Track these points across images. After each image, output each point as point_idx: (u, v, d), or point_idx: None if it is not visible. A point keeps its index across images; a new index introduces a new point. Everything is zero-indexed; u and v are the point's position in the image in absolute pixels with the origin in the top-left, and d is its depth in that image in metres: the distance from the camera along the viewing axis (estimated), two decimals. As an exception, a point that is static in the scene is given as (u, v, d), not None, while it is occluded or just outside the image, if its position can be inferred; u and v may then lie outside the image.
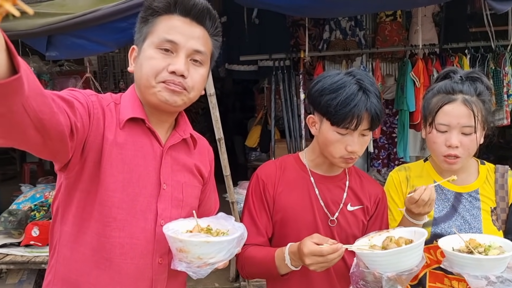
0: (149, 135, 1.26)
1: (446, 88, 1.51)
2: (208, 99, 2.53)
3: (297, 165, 1.57)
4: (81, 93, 1.18)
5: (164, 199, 1.25)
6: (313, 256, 1.25)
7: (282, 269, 1.40)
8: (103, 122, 1.19)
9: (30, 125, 0.87)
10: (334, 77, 1.42)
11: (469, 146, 1.48)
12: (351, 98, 1.35)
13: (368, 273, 1.29)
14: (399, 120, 4.19)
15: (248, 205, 1.54)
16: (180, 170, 1.32)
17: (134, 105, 1.25)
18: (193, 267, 1.12)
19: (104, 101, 1.23)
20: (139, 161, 1.22)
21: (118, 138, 1.20)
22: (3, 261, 3.20)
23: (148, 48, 1.21)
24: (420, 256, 1.26)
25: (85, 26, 2.73)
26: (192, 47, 1.21)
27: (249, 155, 6.29)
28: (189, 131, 1.36)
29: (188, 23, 1.21)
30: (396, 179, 1.67)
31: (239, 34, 4.92)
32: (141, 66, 1.22)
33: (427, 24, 4.70)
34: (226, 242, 1.13)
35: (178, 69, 1.18)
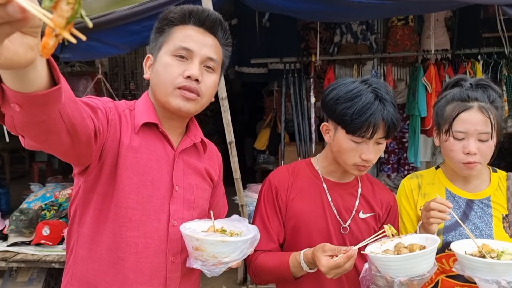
0: (162, 140, 1.32)
1: (462, 95, 1.51)
2: (220, 103, 2.54)
3: (310, 172, 1.57)
4: (99, 100, 1.23)
5: (176, 200, 1.30)
6: (331, 270, 1.27)
7: (297, 274, 1.42)
8: (119, 127, 1.25)
9: (64, 129, 0.94)
10: (349, 85, 1.42)
11: (486, 152, 1.49)
12: (368, 107, 1.35)
13: (380, 277, 1.29)
14: (410, 125, 4.17)
15: (260, 210, 1.54)
16: (191, 173, 1.37)
17: (148, 111, 1.31)
18: (208, 265, 1.16)
19: (120, 107, 1.30)
20: (153, 164, 1.28)
21: (133, 142, 1.26)
22: (14, 259, 3.23)
23: (164, 56, 1.28)
24: (432, 262, 1.27)
25: (99, 28, 2.76)
26: (205, 54, 1.28)
27: (257, 157, 6.29)
28: (200, 136, 1.41)
29: (201, 32, 1.29)
30: (408, 187, 1.67)
31: (249, 37, 4.94)
32: (157, 73, 1.28)
33: (440, 29, 4.68)
34: (240, 242, 1.17)
35: (193, 74, 1.24)
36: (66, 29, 0.57)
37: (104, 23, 2.73)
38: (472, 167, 1.49)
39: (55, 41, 0.58)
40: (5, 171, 7.71)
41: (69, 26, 0.57)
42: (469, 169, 1.51)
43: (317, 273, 1.48)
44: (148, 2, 2.66)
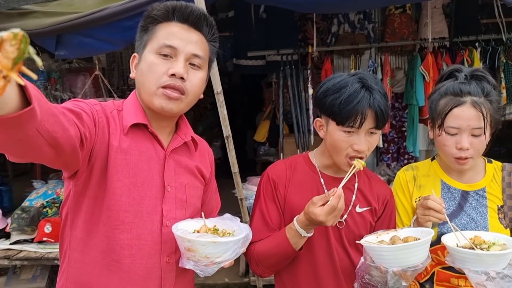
0: (152, 140, 1.31)
1: (454, 89, 1.50)
2: (215, 97, 2.54)
3: (307, 166, 1.58)
4: (85, 103, 1.22)
5: (168, 200, 1.30)
6: (329, 216, 1.31)
7: (297, 244, 1.42)
8: (108, 130, 1.23)
9: (44, 144, 0.93)
10: (337, 78, 1.44)
11: (479, 147, 1.49)
12: (354, 95, 1.36)
13: (374, 268, 1.32)
14: (409, 115, 4.15)
15: (260, 204, 1.55)
16: (182, 172, 1.36)
17: (137, 111, 1.30)
18: (200, 265, 1.17)
19: (108, 108, 1.28)
20: (143, 165, 1.27)
21: (123, 144, 1.25)
22: (17, 257, 3.26)
23: (148, 54, 1.25)
24: (425, 254, 1.29)
25: (92, 24, 2.75)
26: (190, 51, 1.26)
27: (257, 149, 6.29)
28: (190, 134, 1.40)
29: (186, 29, 1.27)
30: (403, 179, 1.67)
31: (246, 29, 4.91)
32: (142, 72, 1.26)
33: (437, 16, 4.63)
34: (232, 242, 1.18)
35: (177, 71, 1.23)
36: (14, 70, 0.57)
37: (97, 19, 2.71)
38: (464, 162, 1.50)
39: (4, 82, 0.58)
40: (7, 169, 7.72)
41: (17, 66, 0.57)
42: (460, 165, 1.51)
43: (315, 268, 1.50)
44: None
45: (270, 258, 1.49)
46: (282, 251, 1.44)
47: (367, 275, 1.34)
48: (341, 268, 1.50)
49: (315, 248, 1.49)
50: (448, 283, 1.54)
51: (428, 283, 1.59)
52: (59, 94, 3.81)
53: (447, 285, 1.55)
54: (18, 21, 2.79)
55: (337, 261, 1.50)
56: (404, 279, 1.28)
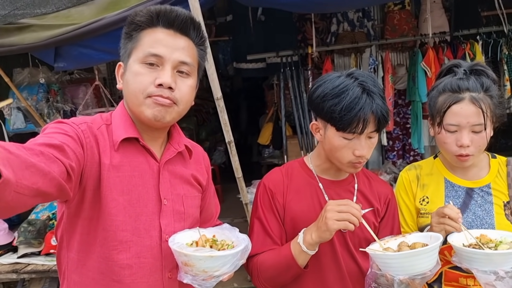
0: (144, 153, 1.25)
1: (452, 86, 1.47)
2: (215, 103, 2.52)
3: (304, 171, 1.54)
4: (70, 125, 1.16)
5: (166, 214, 1.25)
6: (338, 206, 1.30)
7: (299, 257, 1.37)
8: (97, 149, 1.18)
9: (28, 198, 0.88)
10: (335, 81, 1.38)
11: (480, 143, 1.45)
12: (356, 101, 1.31)
13: (381, 275, 1.28)
14: (412, 111, 4.12)
15: (258, 214, 1.51)
16: (178, 183, 1.32)
17: (126, 124, 1.24)
18: (198, 279, 1.14)
19: (95, 125, 1.22)
20: (137, 181, 1.22)
21: (114, 160, 1.20)
22: (25, 271, 3.26)
23: (133, 64, 1.19)
24: (434, 261, 1.24)
25: (90, 35, 2.75)
26: (177, 58, 1.19)
27: (262, 152, 6.27)
28: (183, 142, 1.35)
29: (172, 34, 1.20)
30: (406, 179, 1.64)
31: (245, 32, 4.90)
32: (128, 83, 1.20)
33: (437, 11, 4.59)
34: (230, 255, 1.14)
35: (165, 81, 1.16)
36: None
37: (95, 30, 2.71)
38: (465, 159, 1.47)
39: None
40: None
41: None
42: (462, 162, 1.48)
43: (322, 274, 1.46)
44: (136, 6, 2.64)
45: (270, 269, 1.43)
46: (285, 264, 1.40)
47: (374, 283, 1.30)
48: (348, 273, 1.47)
49: (320, 255, 1.44)
50: (456, 283, 1.51)
51: (437, 283, 1.56)
52: (61, 106, 3.81)
53: (455, 285, 1.52)
54: (16, 36, 2.80)
55: (344, 266, 1.47)
56: (413, 287, 1.24)
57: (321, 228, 1.30)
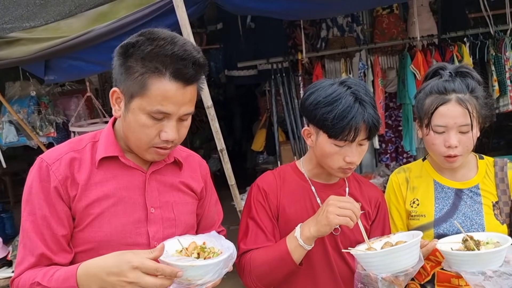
0: (127, 167, 1.28)
1: (439, 88, 1.49)
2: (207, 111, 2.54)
3: (296, 175, 1.56)
4: (45, 175, 1.21)
5: (153, 222, 1.28)
6: (340, 202, 1.32)
7: (295, 252, 1.37)
8: (73, 177, 1.23)
9: None
10: (327, 89, 1.40)
11: (467, 143, 1.48)
12: (348, 110, 1.34)
13: (365, 275, 1.31)
14: (403, 114, 4.16)
15: (252, 214, 1.51)
16: (168, 190, 1.34)
17: (108, 143, 1.27)
18: (182, 287, 1.14)
19: (76, 147, 1.28)
20: (122, 193, 1.26)
21: (95, 178, 1.24)
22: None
23: (139, 112, 1.18)
24: (415, 257, 1.27)
25: (80, 47, 2.76)
26: (183, 113, 1.21)
27: (256, 158, 6.28)
28: (173, 155, 1.37)
29: (181, 88, 1.17)
30: (396, 182, 1.66)
31: (236, 40, 4.93)
32: (131, 127, 1.21)
33: (425, 14, 4.65)
34: (212, 265, 1.14)
35: (169, 138, 1.20)
36: None
37: (84, 42, 2.72)
38: (453, 160, 1.49)
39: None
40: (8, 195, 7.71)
41: None
42: (450, 163, 1.51)
43: (314, 276, 1.48)
44: (124, 17, 2.66)
45: (265, 266, 1.42)
46: (279, 259, 1.40)
47: (360, 284, 1.32)
48: (340, 276, 1.49)
49: (312, 258, 1.46)
50: (448, 283, 1.52)
51: (430, 284, 1.57)
52: (53, 118, 3.80)
53: (447, 285, 1.53)
54: (5, 50, 2.80)
55: (336, 269, 1.49)
56: (397, 284, 1.26)
57: (321, 222, 1.32)
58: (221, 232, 1.53)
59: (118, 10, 2.92)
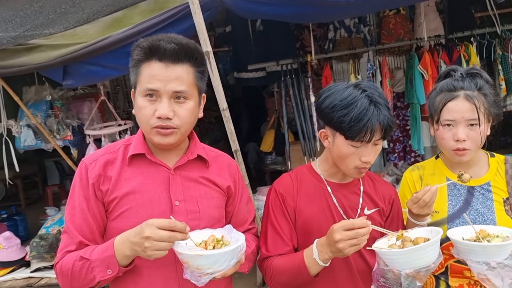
0: (154, 164, 1.42)
1: (448, 86, 1.58)
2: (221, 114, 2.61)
3: (312, 176, 1.62)
4: (84, 175, 1.40)
5: (178, 214, 1.38)
6: (343, 231, 1.30)
7: (312, 268, 1.43)
8: (106, 174, 1.40)
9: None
10: (343, 92, 1.46)
11: (476, 138, 1.54)
12: (364, 113, 1.40)
13: (388, 271, 1.36)
14: (411, 113, 4.20)
15: (270, 219, 1.58)
16: (192, 186, 1.45)
17: (137, 142, 1.44)
18: (195, 276, 1.24)
19: (111, 150, 1.45)
20: (148, 187, 1.40)
21: (125, 174, 1.40)
22: (39, 284, 3.32)
23: (138, 97, 1.35)
24: (436, 253, 1.33)
25: (97, 53, 2.84)
26: (171, 89, 1.32)
27: (264, 159, 6.34)
28: (197, 152, 1.48)
29: (164, 67, 1.31)
30: (410, 179, 1.72)
31: (245, 42, 5.01)
32: (137, 114, 1.38)
33: (431, 14, 4.70)
34: (218, 255, 1.24)
35: (162, 114, 1.31)
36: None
37: (101, 48, 2.80)
38: (462, 154, 1.55)
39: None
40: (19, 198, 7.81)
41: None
42: (459, 156, 1.57)
43: (332, 273, 1.53)
44: (141, 23, 2.74)
45: (283, 273, 1.51)
46: (295, 269, 1.46)
47: (382, 279, 1.38)
48: (357, 271, 1.55)
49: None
50: (461, 275, 1.59)
51: (444, 275, 1.64)
52: (70, 121, 3.89)
53: (460, 276, 1.60)
54: (26, 56, 2.89)
55: (353, 265, 1.55)
56: (418, 280, 1.32)
57: (336, 253, 1.35)
58: (252, 229, 1.63)
59: (132, 16, 3.00)
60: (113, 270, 1.27)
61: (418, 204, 1.45)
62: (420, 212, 1.47)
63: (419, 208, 1.46)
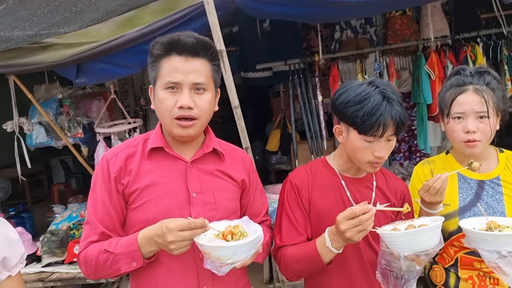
0: (172, 157, 1.48)
1: (458, 81, 1.65)
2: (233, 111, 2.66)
3: (327, 170, 1.67)
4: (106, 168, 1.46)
5: (196, 205, 1.45)
6: (347, 221, 1.35)
7: (325, 256, 1.47)
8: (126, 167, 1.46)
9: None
10: (357, 88, 1.51)
11: (485, 130, 1.60)
12: (377, 108, 1.45)
13: (389, 253, 1.42)
14: (417, 113, 4.24)
15: (285, 210, 1.63)
16: (209, 178, 1.51)
17: (156, 137, 1.50)
18: (215, 266, 1.30)
19: (131, 144, 1.52)
20: (167, 179, 1.46)
21: (145, 167, 1.46)
22: (51, 279, 3.38)
23: (159, 91, 1.42)
24: (436, 239, 1.38)
25: (111, 52, 2.89)
26: (191, 81, 1.40)
27: (270, 158, 6.38)
28: (212, 145, 1.54)
29: (184, 60, 1.40)
30: (421, 172, 1.77)
31: (251, 42, 5.05)
32: (157, 107, 1.45)
33: (437, 15, 4.73)
34: (238, 246, 1.29)
35: (184, 104, 1.38)
36: None
37: (115, 47, 2.85)
38: (472, 145, 1.60)
39: None
40: (25, 196, 7.88)
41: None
42: (470, 148, 1.62)
43: (345, 263, 1.58)
44: (154, 23, 2.79)
45: (297, 262, 1.55)
46: (309, 257, 1.51)
47: (384, 261, 1.44)
48: (369, 263, 1.60)
49: (344, 248, 1.54)
50: (471, 266, 1.64)
51: (453, 267, 1.69)
52: (80, 119, 3.95)
53: (470, 268, 1.64)
54: (41, 54, 2.94)
55: (365, 257, 1.60)
56: (418, 263, 1.37)
57: (347, 241, 1.40)
58: (266, 221, 1.68)
59: (143, 16, 3.05)
60: (138, 262, 1.36)
61: (429, 192, 1.49)
62: (432, 200, 1.51)
63: (430, 196, 1.50)
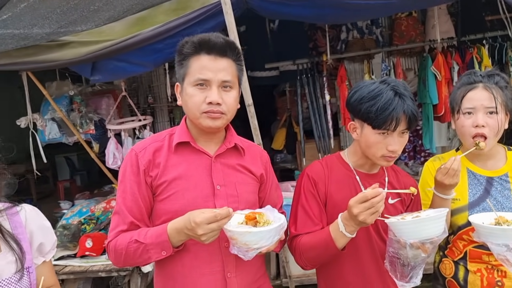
0: (197, 152, 1.56)
1: (468, 80, 1.73)
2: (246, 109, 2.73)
3: (342, 165, 1.74)
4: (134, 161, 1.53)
5: (220, 197, 1.53)
6: (359, 204, 1.41)
7: (339, 241, 1.52)
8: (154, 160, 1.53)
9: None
10: (370, 86, 1.59)
11: (494, 126, 1.67)
12: (389, 103, 1.52)
13: (395, 241, 1.49)
14: (423, 113, 4.30)
15: (301, 201, 1.70)
16: (231, 172, 1.59)
17: (181, 132, 1.58)
18: (242, 251, 1.37)
19: (158, 139, 1.59)
20: (193, 172, 1.53)
21: (171, 161, 1.53)
22: (63, 272, 3.45)
23: (188, 87, 1.50)
24: (441, 228, 1.44)
25: (126, 50, 2.96)
26: (220, 79, 1.47)
27: (275, 157, 6.46)
28: (234, 141, 1.62)
29: (213, 59, 1.47)
30: (432, 167, 1.84)
31: (258, 42, 5.12)
32: (186, 102, 1.52)
33: (443, 17, 4.78)
34: (265, 231, 1.37)
35: (213, 100, 1.46)
36: None
37: (131, 45, 2.92)
38: (482, 139, 1.67)
39: None
40: (31, 192, 7.95)
41: None
42: None
43: (357, 252, 1.65)
44: (169, 22, 2.86)
45: (311, 249, 1.61)
46: (323, 244, 1.56)
47: (391, 248, 1.51)
48: (379, 253, 1.67)
49: (356, 240, 1.62)
50: (480, 259, 1.71)
51: (462, 261, 1.76)
52: (92, 116, 4.02)
53: (479, 261, 1.71)
54: (58, 52, 3.01)
55: (377, 249, 1.67)
56: (423, 251, 1.44)
57: (360, 224, 1.46)
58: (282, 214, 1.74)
59: (156, 15, 3.12)
60: (168, 251, 1.43)
61: (448, 173, 1.56)
62: (451, 182, 1.57)
63: (449, 178, 1.57)
